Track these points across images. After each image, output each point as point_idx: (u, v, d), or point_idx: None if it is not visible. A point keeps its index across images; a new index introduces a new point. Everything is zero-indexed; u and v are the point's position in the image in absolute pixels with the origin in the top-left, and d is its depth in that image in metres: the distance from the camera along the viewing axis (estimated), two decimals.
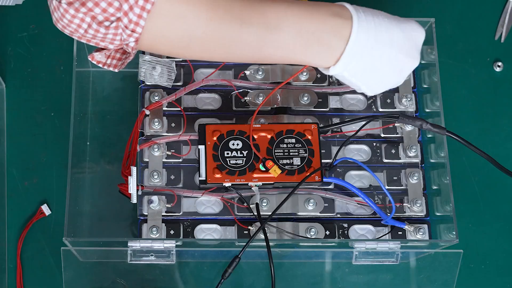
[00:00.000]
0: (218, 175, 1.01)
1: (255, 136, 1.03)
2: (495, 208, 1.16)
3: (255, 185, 1.01)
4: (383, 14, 0.88)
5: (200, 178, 1.01)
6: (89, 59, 0.89)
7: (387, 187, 1.04)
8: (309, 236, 1.02)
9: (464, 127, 1.18)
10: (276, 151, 1.02)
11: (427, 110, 1.10)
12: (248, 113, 1.06)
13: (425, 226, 1.03)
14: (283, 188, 1.03)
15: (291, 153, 1.02)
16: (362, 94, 1.08)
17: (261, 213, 1.00)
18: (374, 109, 1.08)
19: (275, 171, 1.01)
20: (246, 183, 1.01)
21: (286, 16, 0.84)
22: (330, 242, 1.03)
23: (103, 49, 0.88)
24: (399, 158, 1.06)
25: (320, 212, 1.03)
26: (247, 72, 1.08)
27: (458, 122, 1.18)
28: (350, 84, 0.91)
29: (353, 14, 0.86)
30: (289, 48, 0.85)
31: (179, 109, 1.06)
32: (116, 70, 0.91)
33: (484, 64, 1.23)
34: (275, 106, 1.07)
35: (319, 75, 1.09)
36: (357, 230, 1.04)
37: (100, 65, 0.89)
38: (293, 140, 1.03)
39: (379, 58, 0.87)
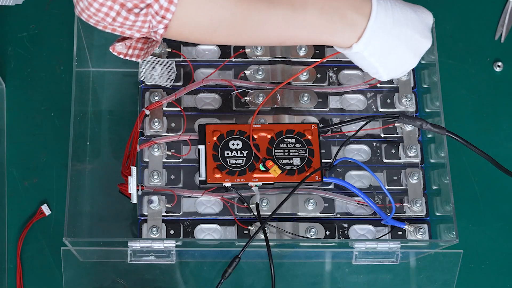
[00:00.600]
0: (218, 175, 1.01)
1: (255, 136, 1.03)
2: (495, 208, 1.16)
3: (255, 185, 1.01)
4: None
5: (200, 178, 1.01)
6: (110, 50, 0.89)
7: (387, 187, 1.04)
8: (309, 236, 1.02)
9: (464, 127, 1.18)
10: (276, 151, 1.02)
11: (427, 110, 1.10)
12: (248, 113, 1.06)
13: (425, 226, 1.03)
14: (283, 188, 1.03)
15: (291, 153, 1.02)
16: (363, 94, 1.08)
17: (261, 213, 1.00)
18: (374, 109, 1.08)
19: (275, 171, 1.01)
20: (246, 183, 1.01)
21: None
22: (330, 242, 1.03)
23: (124, 39, 0.87)
24: (399, 158, 1.06)
25: (320, 212, 1.03)
26: (247, 72, 1.08)
27: (458, 122, 1.18)
28: (368, 66, 0.94)
29: None
30: (314, 26, 0.87)
31: (179, 109, 1.06)
32: (140, 60, 0.91)
33: (484, 64, 1.23)
34: (275, 106, 1.07)
35: (319, 75, 1.09)
36: (357, 230, 1.04)
37: (121, 56, 0.90)
38: (293, 140, 1.03)
39: (397, 37, 0.90)
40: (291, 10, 0.86)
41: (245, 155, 1.02)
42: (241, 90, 1.07)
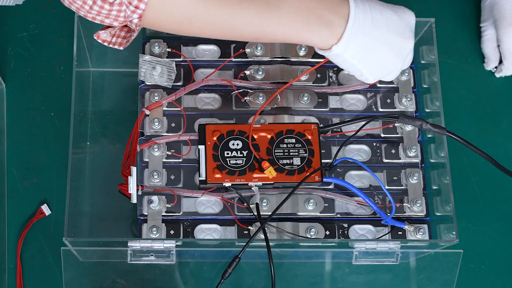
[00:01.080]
0: (218, 175, 1.01)
1: (255, 136, 1.03)
2: (495, 208, 1.16)
3: (255, 185, 1.01)
4: (374, 0, 0.92)
5: (200, 178, 1.01)
6: (95, 37, 0.90)
7: (387, 187, 1.04)
8: (309, 236, 1.02)
9: (464, 127, 1.18)
10: (276, 151, 1.02)
11: (427, 110, 1.10)
12: (248, 113, 1.06)
13: (425, 226, 1.03)
14: (283, 188, 1.03)
15: (291, 153, 1.02)
16: (363, 94, 1.08)
17: (261, 213, 1.00)
18: (374, 109, 1.08)
19: (270, 173, 1.01)
20: (246, 183, 1.01)
21: None
22: (330, 242, 1.03)
23: (108, 27, 0.88)
24: (399, 158, 1.06)
25: (320, 212, 1.03)
26: (247, 72, 1.08)
27: (458, 122, 1.18)
28: (351, 68, 0.94)
29: None
30: (289, 25, 0.87)
31: (179, 109, 1.06)
32: (121, 48, 0.92)
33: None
34: (275, 106, 1.07)
35: (319, 75, 1.09)
36: (357, 230, 1.04)
37: (105, 43, 0.91)
38: (293, 140, 1.03)
39: (377, 38, 0.90)
40: (264, 7, 0.86)
41: (245, 155, 1.02)
42: (241, 90, 1.07)
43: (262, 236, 0.97)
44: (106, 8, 0.82)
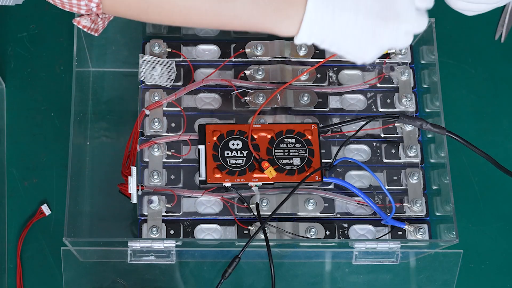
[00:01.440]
0: (218, 175, 1.01)
1: (255, 136, 1.03)
2: (495, 208, 1.16)
3: (255, 185, 1.01)
4: None
5: (200, 178, 1.01)
6: (74, 23, 0.90)
7: (387, 187, 1.04)
8: (309, 236, 1.02)
9: (464, 127, 1.18)
10: (276, 151, 1.02)
11: (427, 110, 1.10)
12: (248, 113, 1.06)
13: (425, 226, 1.03)
14: (283, 188, 1.03)
15: (291, 153, 1.02)
16: (363, 94, 1.08)
17: (261, 213, 1.00)
18: (374, 109, 1.08)
19: (270, 173, 1.01)
20: (246, 183, 1.01)
21: None
22: (330, 242, 1.03)
23: (86, 14, 0.89)
24: (399, 158, 1.06)
25: (320, 212, 1.03)
26: (247, 72, 1.08)
27: (458, 122, 1.18)
28: (331, 50, 0.87)
29: None
30: (246, 17, 0.85)
31: (179, 109, 1.06)
32: (96, 35, 0.93)
33: (484, 64, 1.23)
34: (275, 106, 1.07)
35: (319, 75, 1.09)
36: (357, 230, 1.04)
37: (85, 29, 0.91)
38: (293, 140, 1.03)
39: (345, 24, 0.83)
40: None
41: (245, 155, 1.02)
42: (241, 90, 1.07)
43: (262, 236, 0.97)
44: None
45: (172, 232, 1.01)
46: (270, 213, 0.99)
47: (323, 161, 1.04)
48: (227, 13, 0.85)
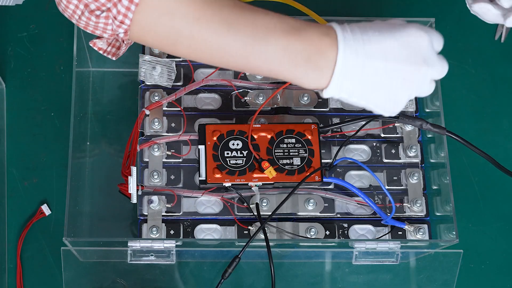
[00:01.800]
0: (218, 175, 1.01)
1: (255, 136, 1.03)
2: (495, 208, 1.16)
3: (255, 185, 1.01)
4: (374, 27, 0.84)
5: (200, 178, 1.01)
6: (91, 45, 0.90)
7: (387, 187, 1.04)
8: (309, 236, 1.02)
9: (464, 127, 1.18)
10: (276, 151, 1.02)
11: (427, 110, 1.10)
12: (248, 113, 1.06)
13: (425, 226, 1.03)
14: (283, 188, 1.03)
15: (291, 153, 1.02)
16: None
17: (261, 213, 1.00)
18: None
19: (270, 173, 1.01)
20: (246, 183, 1.01)
21: (275, 30, 0.82)
22: (330, 242, 1.03)
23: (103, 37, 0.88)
24: (399, 158, 1.06)
25: (320, 212, 1.03)
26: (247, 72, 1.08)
27: (458, 122, 1.18)
28: (360, 106, 0.86)
29: (339, 35, 0.82)
30: (275, 63, 0.83)
31: (179, 109, 1.06)
32: (114, 58, 0.91)
33: (484, 64, 1.22)
34: (275, 106, 1.07)
35: None
36: (357, 230, 1.04)
37: (100, 52, 0.90)
38: (293, 140, 1.03)
39: (374, 74, 0.83)
40: (251, 40, 0.82)
41: (245, 155, 1.02)
42: (241, 90, 1.07)
43: (262, 236, 0.97)
44: (93, 20, 0.82)
45: (172, 232, 1.01)
46: (270, 213, 0.99)
47: (323, 161, 1.04)
48: (257, 56, 0.83)
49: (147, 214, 1.01)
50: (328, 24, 0.84)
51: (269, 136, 1.03)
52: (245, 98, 1.07)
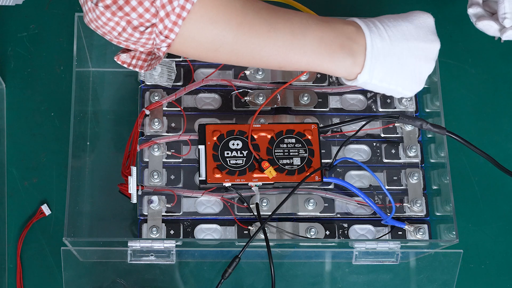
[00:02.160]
0: (218, 175, 1.01)
1: (255, 136, 1.03)
2: (495, 208, 1.16)
3: (255, 185, 1.01)
4: (386, 16, 0.93)
5: (200, 178, 1.01)
6: (115, 59, 0.91)
7: (387, 187, 1.04)
8: (309, 236, 1.02)
9: (464, 127, 1.18)
10: (276, 151, 1.02)
11: (427, 110, 1.10)
12: (248, 113, 1.06)
13: (425, 226, 1.03)
14: (283, 188, 1.03)
15: (291, 153, 1.02)
16: (363, 94, 1.08)
17: (261, 213, 1.00)
18: (374, 109, 1.08)
19: (270, 173, 1.01)
20: (246, 183, 1.01)
21: (309, 24, 0.88)
22: (330, 242, 1.03)
23: (130, 50, 0.89)
24: (399, 158, 1.06)
25: (320, 212, 1.03)
26: (247, 72, 1.08)
27: (458, 122, 1.18)
28: (386, 91, 0.94)
29: (361, 24, 0.91)
30: (314, 55, 0.89)
31: (179, 109, 1.06)
32: (143, 71, 0.94)
33: (484, 64, 1.23)
34: (275, 106, 1.07)
35: (319, 75, 1.09)
36: (357, 230, 1.04)
37: (125, 65, 0.92)
38: (293, 140, 1.03)
39: (400, 54, 0.91)
40: (291, 36, 0.88)
41: (245, 155, 1.02)
42: (241, 90, 1.07)
43: (262, 236, 0.97)
44: (136, 36, 0.83)
45: (172, 232, 1.01)
46: (270, 213, 0.99)
47: (323, 161, 1.04)
48: (297, 51, 0.88)
49: (147, 214, 1.01)
50: (348, 19, 0.93)
51: (269, 136, 1.03)
52: (245, 98, 1.07)
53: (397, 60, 0.91)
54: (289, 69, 0.91)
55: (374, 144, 1.07)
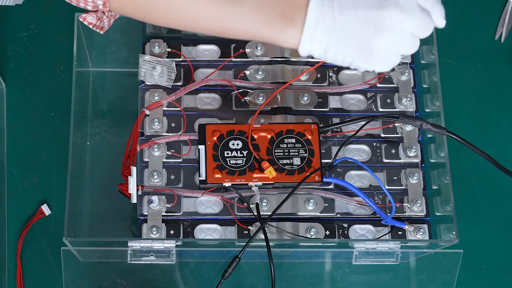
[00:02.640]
0: (218, 175, 1.01)
1: (255, 136, 1.03)
2: (495, 208, 1.16)
3: (255, 185, 1.01)
4: None
5: (200, 178, 1.01)
6: (80, 20, 0.90)
7: (387, 187, 1.04)
8: (309, 236, 1.02)
9: (464, 127, 1.18)
10: (276, 151, 1.02)
11: (427, 110, 1.10)
12: (248, 113, 1.06)
13: (425, 226, 1.03)
14: (283, 188, 1.03)
15: (291, 153, 1.02)
16: (363, 94, 1.09)
17: (261, 213, 1.00)
18: (374, 109, 1.08)
19: (270, 173, 1.01)
20: (246, 183, 1.01)
21: None
22: (330, 242, 1.03)
23: (92, 11, 0.89)
24: (399, 158, 1.06)
25: (320, 212, 1.03)
26: (247, 72, 1.08)
27: (458, 122, 1.18)
28: (337, 62, 0.86)
29: None
30: (251, 22, 0.84)
31: (179, 109, 1.06)
32: (102, 32, 0.92)
33: (484, 64, 1.23)
34: (275, 106, 1.07)
35: (319, 75, 1.09)
36: (357, 230, 1.04)
37: (90, 26, 0.91)
38: (293, 140, 1.03)
39: (346, 23, 0.83)
40: (225, 2, 0.84)
41: (245, 155, 1.02)
42: (241, 90, 1.07)
43: (262, 236, 0.97)
44: None
45: (172, 232, 1.01)
46: (270, 213, 0.99)
47: (323, 161, 1.04)
48: (232, 17, 0.84)
49: (147, 214, 1.01)
50: None
51: (269, 136, 1.03)
52: (245, 98, 1.07)
53: (341, 29, 0.83)
54: (229, 36, 0.87)
55: (374, 144, 1.07)
